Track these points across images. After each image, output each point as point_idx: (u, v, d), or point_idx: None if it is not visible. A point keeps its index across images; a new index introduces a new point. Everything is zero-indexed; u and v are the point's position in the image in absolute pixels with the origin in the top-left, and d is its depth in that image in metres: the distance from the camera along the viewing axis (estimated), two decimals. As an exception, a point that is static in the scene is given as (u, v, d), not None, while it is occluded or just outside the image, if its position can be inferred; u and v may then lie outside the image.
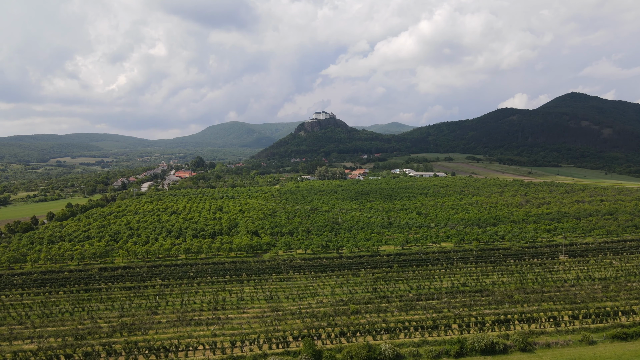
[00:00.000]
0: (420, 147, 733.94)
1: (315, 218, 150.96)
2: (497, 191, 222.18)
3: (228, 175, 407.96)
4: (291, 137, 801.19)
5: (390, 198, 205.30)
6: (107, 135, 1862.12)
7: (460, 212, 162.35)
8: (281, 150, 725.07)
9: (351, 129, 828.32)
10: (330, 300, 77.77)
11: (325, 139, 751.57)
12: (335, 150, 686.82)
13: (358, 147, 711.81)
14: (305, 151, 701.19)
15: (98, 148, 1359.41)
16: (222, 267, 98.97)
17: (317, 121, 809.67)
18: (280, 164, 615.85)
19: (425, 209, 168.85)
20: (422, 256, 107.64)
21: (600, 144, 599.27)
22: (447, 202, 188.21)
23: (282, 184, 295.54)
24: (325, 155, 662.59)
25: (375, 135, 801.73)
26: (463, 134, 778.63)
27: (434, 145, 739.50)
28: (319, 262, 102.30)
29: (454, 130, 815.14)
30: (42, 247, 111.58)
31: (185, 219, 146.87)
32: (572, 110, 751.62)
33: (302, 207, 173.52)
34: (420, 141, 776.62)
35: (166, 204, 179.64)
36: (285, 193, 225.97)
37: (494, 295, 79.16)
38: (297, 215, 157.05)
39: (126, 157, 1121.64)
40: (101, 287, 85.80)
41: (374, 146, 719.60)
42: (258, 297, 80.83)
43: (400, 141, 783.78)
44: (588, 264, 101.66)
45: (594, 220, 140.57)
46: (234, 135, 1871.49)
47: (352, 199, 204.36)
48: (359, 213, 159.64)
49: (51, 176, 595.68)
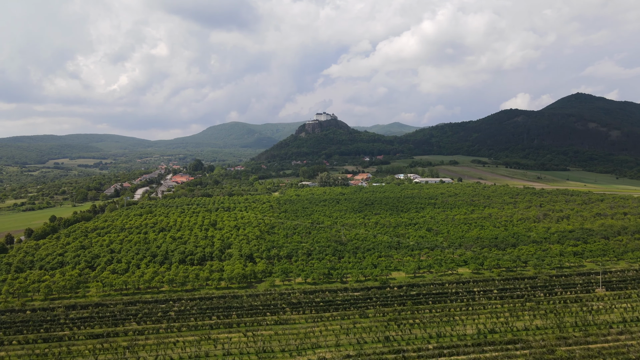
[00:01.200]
0: (423, 149, 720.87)
1: (317, 236, 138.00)
2: (510, 201, 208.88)
3: (227, 179, 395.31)
4: (292, 139, 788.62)
5: (396, 209, 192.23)
6: (107, 136, 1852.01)
7: (474, 227, 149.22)
8: (282, 152, 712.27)
9: (353, 131, 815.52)
10: (335, 356, 64.71)
11: (326, 140, 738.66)
12: (337, 153, 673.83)
13: (360, 149, 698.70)
14: (307, 153, 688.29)
15: (97, 149, 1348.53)
16: (210, 303, 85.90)
17: (318, 122, 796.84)
18: (280, 166, 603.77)
19: (436, 224, 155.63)
20: (437, 287, 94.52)
21: (608, 147, 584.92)
22: (458, 215, 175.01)
23: (282, 191, 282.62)
24: (326, 158, 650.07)
25: (377, 137, 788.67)
26: (467, 135, 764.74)
27: (437, 147, 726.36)
28: (320, 297, 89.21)
29: (457, 132, 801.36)
30: (8, 276, 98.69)
31: (174, 237, 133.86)
32: (578, 112, 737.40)
33: (302, 222, 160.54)
34: (423, 143, 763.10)
35: (156, 218, 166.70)
36: (284, 203, 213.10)
37: (531, 349, 65.99)
38: (297, 232, 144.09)
39: (125, 159, 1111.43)
40: (64, 335, 72.75)
41: (376, 148, 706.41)
42: (248, 349, 67.75)
43: (402, 143, 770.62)
44: (630, 299, 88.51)
45: (624, 241, 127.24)
46: (235, 135, 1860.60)
47: (355, 210, 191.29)
48: (364, 230, 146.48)
49: (47, 179, 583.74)
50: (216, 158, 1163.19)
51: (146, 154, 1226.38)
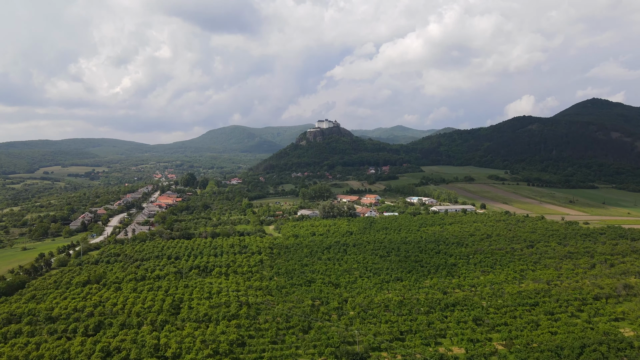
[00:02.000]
0: (431, 159, 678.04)
1: (320, 335, 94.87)
2: (562, 252, 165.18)
3: (218, 201, 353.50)
4: (292, 148, 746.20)
5: (419, 265, 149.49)
6: (105, 140, 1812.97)
7: (541, 316, 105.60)
8: (281, 163, 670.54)
9: (356, 139, 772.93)
10: None
11: (328, 150, 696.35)
12: (340, 163, 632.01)
13: (364, 159, 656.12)
14: (307, 164, 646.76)
15: (92, 155, 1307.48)
16: None
17: (320, 130, 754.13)
18: (279, 179, 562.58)
19: (483, 311, 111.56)
20: None
21: (635, 159, 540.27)
22: (507, 284, 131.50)
23: (278, 226, 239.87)
24: (328, 169, 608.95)
25: (382, 146, 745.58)
26: (477, 144, 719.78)
27: (447, 157, 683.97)
28: None
29: (467, 140, 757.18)
30: None
31: (105, 348, 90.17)
32: (597, 119, 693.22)
33: (298, 304, 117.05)
34: (431, 152, 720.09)
35: (100, 295, 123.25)
36: (278, 254, 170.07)
37: None
38: (289, 332, 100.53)
39: (120, 166, 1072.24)
40: None
41: (381, 158, 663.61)
42: None
43: (409, 152, 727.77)
44: None
45: None
46: (235, 139, 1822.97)
47: (369, 269, 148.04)
48: (386, 326, 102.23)
49: (29, 193, 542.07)
50: (214, 165, 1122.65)
51: (142, 161, 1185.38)
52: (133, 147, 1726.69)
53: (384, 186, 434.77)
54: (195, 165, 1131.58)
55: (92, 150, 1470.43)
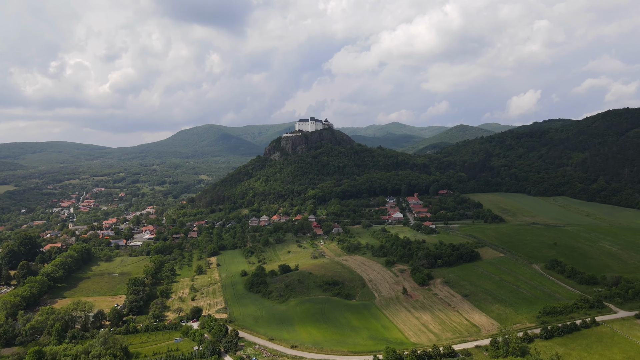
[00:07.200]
0: (482, 181, 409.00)
1: None
2: None
3: None
4: (258, 163, 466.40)
5: None
6: (52, 144, 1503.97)
7: None
8: (236, 193, 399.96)
9: (359, 147, 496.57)
10: None
11: (316, 168, 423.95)
12: (336, 194, 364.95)
13: (375, 184, 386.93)
14: (280, 195, 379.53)
15: (19, 166, 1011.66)
16: None
17: (303, 136, 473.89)
18: (221, 229, 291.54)
19: None
20: None
21: None
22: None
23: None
24: (316, 205, 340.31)
25: (400, 159, 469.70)
26: (556, 154, 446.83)
27: (510, 177, 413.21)
28: None
29: (533, 148, 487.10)
30: None
31: None
32: None
33: None
34: (480, 167, 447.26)
35: None
36: None
37: None
38: None
39: (42, 182, 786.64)
40: None
41: (402, 179, 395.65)
42: None
43: (443, 167, 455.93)
44: None
45: None
46: (208, 141, 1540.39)
47: None
48: None
49: None
50: (169, 177, 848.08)
51: (76, 174, 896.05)
52: (86, 152, 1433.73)
53: (442, 279, 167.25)
54: (141, 179, 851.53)
55: (23, 159, 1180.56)
